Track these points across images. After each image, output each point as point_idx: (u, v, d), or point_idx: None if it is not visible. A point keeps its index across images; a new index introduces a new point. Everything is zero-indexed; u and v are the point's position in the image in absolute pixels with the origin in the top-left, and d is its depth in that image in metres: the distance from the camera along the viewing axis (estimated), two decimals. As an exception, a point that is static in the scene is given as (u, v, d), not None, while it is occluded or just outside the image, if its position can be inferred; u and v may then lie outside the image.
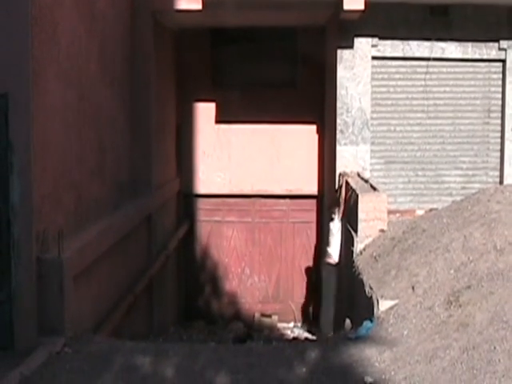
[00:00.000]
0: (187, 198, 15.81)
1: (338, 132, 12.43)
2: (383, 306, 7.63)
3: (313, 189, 15.37)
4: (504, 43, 12.37)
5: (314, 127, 15.24)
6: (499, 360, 6.02)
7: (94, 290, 8.50)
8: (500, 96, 12.68)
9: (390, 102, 12.65)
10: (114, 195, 10.30)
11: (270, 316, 15.94)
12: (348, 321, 8.41)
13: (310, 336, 14.90)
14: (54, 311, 6.89)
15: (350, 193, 10.74)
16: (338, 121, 12.45)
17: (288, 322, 16.02)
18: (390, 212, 10.26)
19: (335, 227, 11.56)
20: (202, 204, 16.00)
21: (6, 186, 6.57)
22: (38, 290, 6.75)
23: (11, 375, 6.00)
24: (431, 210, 11.04)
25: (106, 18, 9.90)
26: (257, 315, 15.97)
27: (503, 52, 12.43)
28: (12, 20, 6.44)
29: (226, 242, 16.07)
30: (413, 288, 7.73)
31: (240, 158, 15.50)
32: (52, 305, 6.88)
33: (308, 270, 16.00)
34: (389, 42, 12.36)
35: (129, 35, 11.43)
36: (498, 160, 12.79)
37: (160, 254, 12.79)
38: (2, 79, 6.44)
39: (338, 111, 12.44)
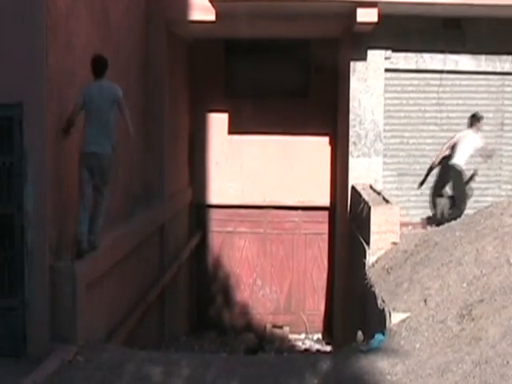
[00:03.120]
0: (199, 209, 15.82)
1: (350, 144, 12.42)
2: (395, 318, 7.60)
3: (325, 200, 15.35)
4: (518, 56, 12.37)
5: (326, 138, 15.23)
6: (512, 374, 6.00)
7: (106, 298, 8.51)
8: (513, 109, 12.67)
9: (402, 115, 12.64)
10: (126, 205, 10.32)
11: (281, 327, 15.90)
12: (360, 333, 8.39)
13: (321, 347, 14.89)
14: (66, 319, 6.91)
15: (362, 205, 10.72)
16: (351, 133, 12.45)
17: (299, 333, 15.98)
18: (402, 224, 10.23)
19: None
20: (214, 214, 16.00)
21: (21, 194, 6.61)
22: (50, 297, 6.78)
23: (23, 383, 6.01)
24: (444, 222, 11.01)
25: (120, 27, 9.96)
26: (268, 326, 15.94)
27: (517, 65, 12.43)
28: (27, 29, 6.50)
29: (237, 253, 16.07)
30: (425, 301, 7.70)
31: (252, 169, 15.51)
32: (64, 313, 6.90)
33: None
34: (402, 55, 12.36)
35: (143, 45, 11.49)
36: (511, 173, 12.75)
37: (172, 263, 12.80)
38: (17, 88, 6.49)
39: (351, 123, 12.44)
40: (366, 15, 11.09)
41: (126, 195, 10.38)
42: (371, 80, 12.36)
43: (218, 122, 15.54)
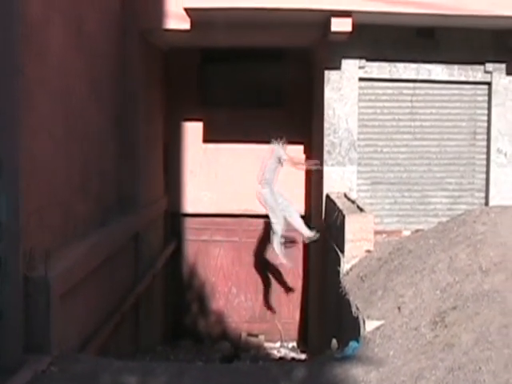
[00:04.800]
0: (174, 217, 15.79)
1: (325, 153, 12.49)
2: (369, 326, 7.64)
3: (300, 209, 15.36)
4: (490, 66, 12.50)
5: (301, 147, 15.27)
6: (484, 380, 6.04)
7: (80, 308, 8.46)
8: (486, 118, 12.79)
9: (376, 124, 12.73)
10: (100, 213, 10.28)
11: (256, 335, 15.91)
12: (334, 341, 8.42)
13: (296, 355, 14.90)
14: (40, 329, 6.86)
15: (336, 214, 10.76)
16: (325, 141, 12.51)
17: (274, 341, 15.99)
18: (376, 233, 10.29)
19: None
20: (189, 223, 15.98)
21: (-6, 203, 6.55)
22: (24, 308, 6.71)
23: (-4, 394, 5.96)
24: (417, 230, 11.10)
25: (94, 36, 9.94)
26: (243, 335, 15.94)
27: (489, 75, 12.56)
28: (2, 38, 6.45)
29: (213, 261, 16.06)
30: (399, 308, 7.75)
31: (227, 178, 15.52)
32: (38, 323, 6.84)
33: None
34: (376, 64, 12.46)
35: (117, 54, 11.47)
36: (484, 182, 12.87)
37: (147, 272, 12.75)
38: (-9, 97, 6.44)
39: (325, 132, 12.50)
40: (341, 25, 11.16)
41: (100, 203, 10.34)
42: (345, 89, 12.44)
43: (192, 130, 15.54)
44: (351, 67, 12.39)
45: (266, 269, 16.01)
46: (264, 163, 12.03)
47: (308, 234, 12.05)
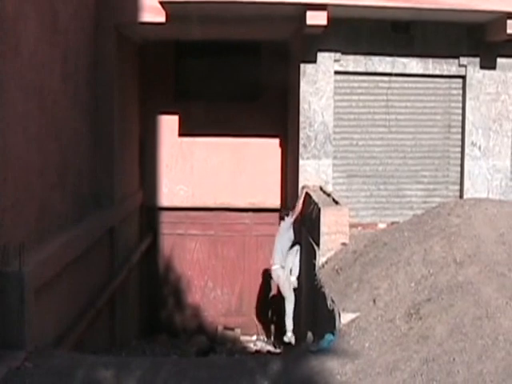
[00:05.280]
0: (150, 211, 15.74)
1: (300, 146, 12.50)
2: (345, 318, 7.67)
3: (276, 202, 15.41)
4: (464, 60, 12.58)
5: (277, 141, 15.30)
6: (458, 371, 6.11)
7: (55, 303, 8.42)
8: (460, 112, 12.87)
9: (352, 117, 12.75)
10: (75, 208, 10.23)
11: (232, 329, 15.92)
12: (310, 333, 8.45)
13: (272, 349, 14.93)
14: (14, 325, 6.81)
15: (311, 207, 10.79)
16: (301, 135, 12.52)
17: (251, 335, 16.01)
18: (351, 225, 10.32)
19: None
20: (165, 217, 15.94)
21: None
22: (-2, 303, 6.68)
23: (-30, 390, 5.92)
24: (392, 223, 11.16)
25: (68, 30, 9.86)
26: (220, 328, 15.93)
27: (463, 68, 12.63)
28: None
29: (188, 255, 16.04)
30: (374, 301, 7.79)
31: (203, 171, 15.50)
32: (13, 318, 6.80)
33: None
34: (351, 57, 12.48)
35: (92, 47, 11.39)
36: (458, 174, 12.96)
37: (122, 267, 12.71)
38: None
39: (301, 125, 12.51)
40: (316, 18, 11.16)
41: (75, 198, 10.29)
42: (321, 82, 12.46)
43: (168, 124, 15.49)
44: (327, 60, 12.41)
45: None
46: (278, 241, 12.12)
47: (288, 333, 12.05)
